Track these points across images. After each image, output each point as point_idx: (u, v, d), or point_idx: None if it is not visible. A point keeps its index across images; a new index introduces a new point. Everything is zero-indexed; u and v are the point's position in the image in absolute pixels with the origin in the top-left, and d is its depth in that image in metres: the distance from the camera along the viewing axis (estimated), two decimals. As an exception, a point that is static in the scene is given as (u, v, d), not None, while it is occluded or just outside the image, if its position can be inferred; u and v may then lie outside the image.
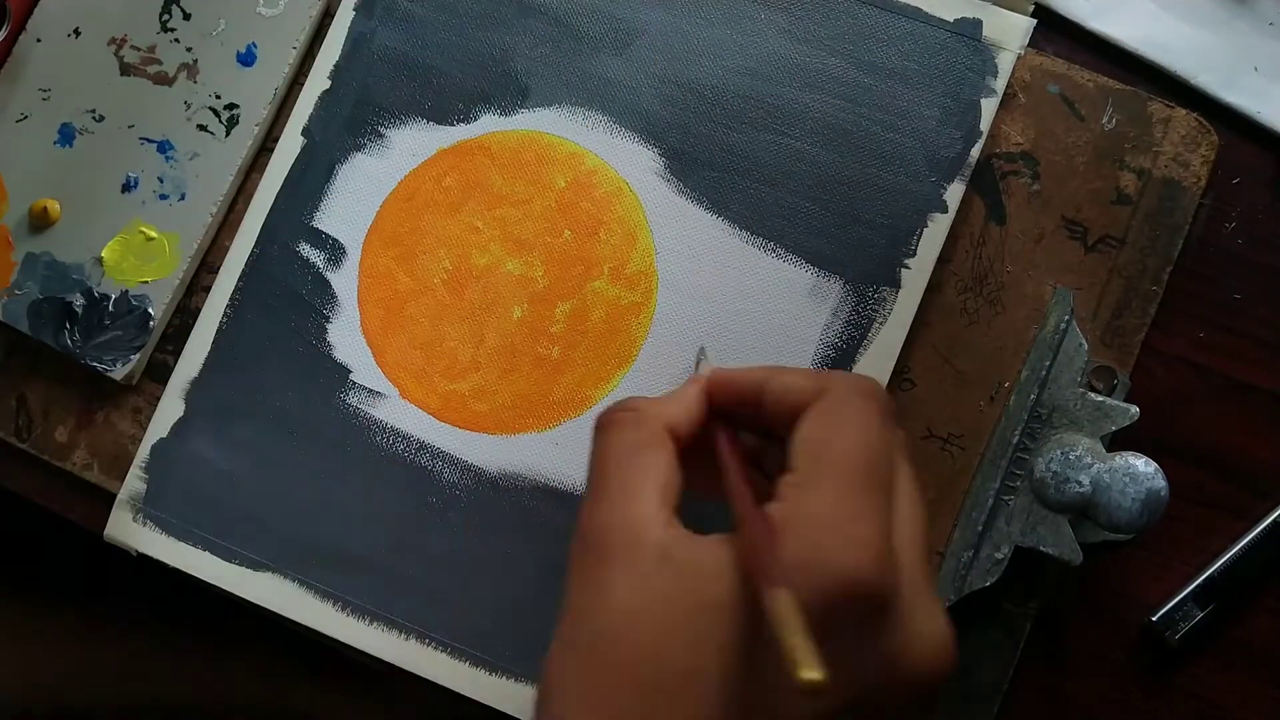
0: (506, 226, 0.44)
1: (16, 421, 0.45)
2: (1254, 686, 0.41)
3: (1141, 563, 0.41)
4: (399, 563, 0.42)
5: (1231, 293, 0.42)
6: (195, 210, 0.44)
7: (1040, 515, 0.39)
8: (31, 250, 0.45)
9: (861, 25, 0.43)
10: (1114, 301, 0.41)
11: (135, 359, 0.44)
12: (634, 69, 0.44)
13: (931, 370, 0.42)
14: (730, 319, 0.42)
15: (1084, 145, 0.42)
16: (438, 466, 0.42)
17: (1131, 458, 0.37)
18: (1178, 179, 0.42)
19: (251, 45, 0.45)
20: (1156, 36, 0.43)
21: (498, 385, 0.43)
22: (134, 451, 0.44)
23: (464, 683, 0.41)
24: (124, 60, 0.46)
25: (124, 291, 0.44)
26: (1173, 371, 0.42)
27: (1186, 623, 0.40)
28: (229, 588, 0.42)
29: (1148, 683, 0.41)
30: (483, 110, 0.44)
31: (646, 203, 0.43)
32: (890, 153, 0.42)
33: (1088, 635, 0.41)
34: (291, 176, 0.45)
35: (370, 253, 0.44)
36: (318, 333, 0.44)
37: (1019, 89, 0.42)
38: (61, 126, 0.45)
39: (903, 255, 0.41)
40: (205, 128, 0.45)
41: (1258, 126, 0.42)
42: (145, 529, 0.43)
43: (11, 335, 0.45)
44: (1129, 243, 0.42)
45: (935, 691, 0.27)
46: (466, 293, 0.43)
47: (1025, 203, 0.42)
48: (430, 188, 0.44)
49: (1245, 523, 0.41)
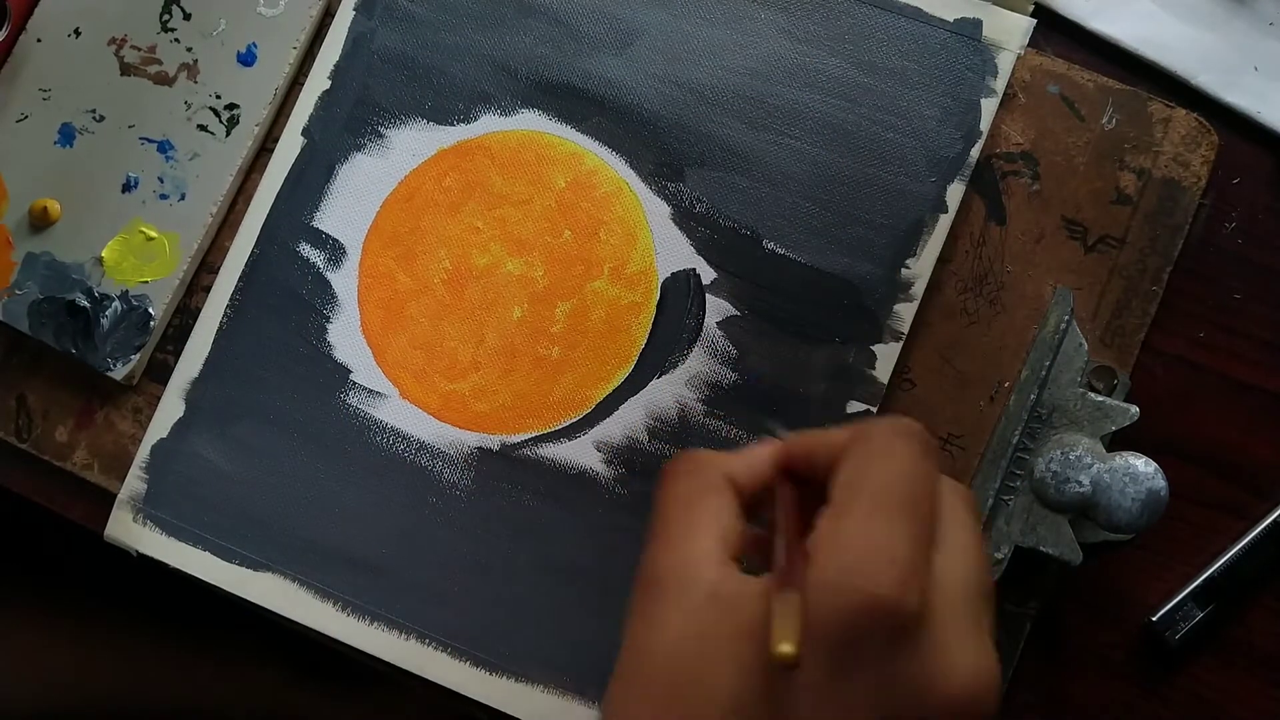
0: (506, 226, 0.44)
1: (16, 421, 0.45)
2: (1254, 686, 0.41)
3: (1141, 563, 0.41)
4: (399, 563, 0.42)
5: (1231, 293, 0.42)
6: (195, 210, 0.44)
7: (1040, 515, 0.39)
8: (31, 250, 0.45)
9: (861, 25, 0.43)
10: (1114, 301, 0.41)
11: (135, 359, 0.44)
12: (634, 69, 0.44)
13: (932, 370, 0.42)
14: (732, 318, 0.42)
15: (1084, 145, 0.42)
16: (438, 466, 0.42)
17: (1131, 458, 0.37)
18: (1178, 179, 0.42)
19: (252, 45, 0.45)
20: (1156, 36, 0.43)
21: (498, 385, 0.43)
22: (134, 451, 0.44)
23: (464, 683, 0.41)
24: (124, 60, 0.46)
25: (124, 291, 0.44)
26: (1173, 371, 0.42)
27: (1186, 623, 0.40)
28: (229, 588, 0.42)
29: (1148, 683, 0.41)
30: (483, 110, 0.44)
31: (646, 203, 0.43)
32: (890, 153, 0.42)
33: (1088, 635, 0.41)
34: (291, 176, 0.45)
35: (370, 253, 0.44)
36: (318, 333, 0.44)
37: (1019, 89, 0.42)
38: (62, 126, 0.45)
39: (903, 255, 0.41)
40: (205, 128, 0.45)
41: (1258, 126, 0.42)
42: (145, 529, 0.43)
43: (11, 335, 0.45)
44: (1129, 243, 0.42)
45: None
46: (466, 293, 0.43)
47: (1025, 203, 0.42)
48: (430, 188, 0.44)
49: (1245, 523, 0.41)
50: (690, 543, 0.29)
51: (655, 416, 0.42)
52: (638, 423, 0.42)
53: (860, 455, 0.28)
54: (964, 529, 0.28)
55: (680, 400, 0.42)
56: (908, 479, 0.27)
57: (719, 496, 0.30)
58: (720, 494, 0.30)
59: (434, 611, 0.42)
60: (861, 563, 0.26)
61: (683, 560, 0.29)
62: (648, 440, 0.42)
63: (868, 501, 0.27)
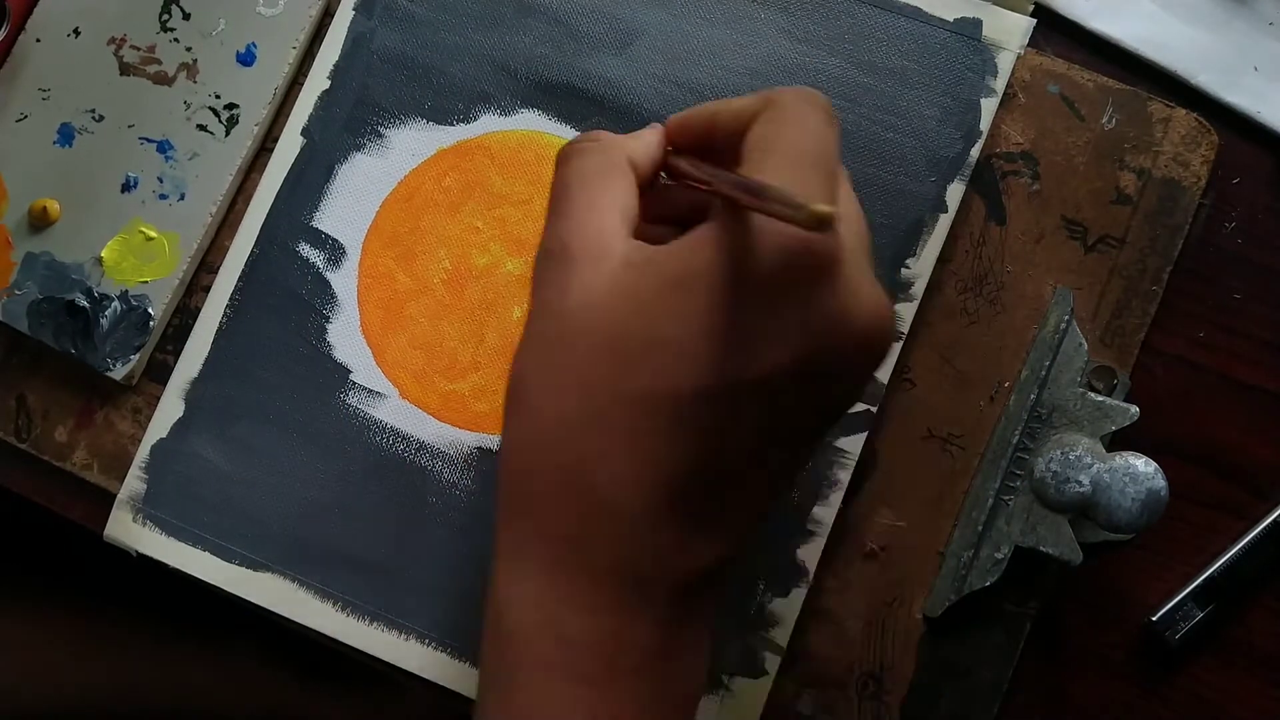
0: (506, 226, 0.44)
1: (16, 421, 0.45)
2: (1254, 686, 0.41)
3: (1141, 563, 0.41)
4: (399, 562, 0.42)
5: (1231, 293, 0.42)
6: (195, 210, 0.44)
7: (1040, 515, 0.39)
8: (31, 250, 0.45)
9: (861, 25, 0.43)
10: (1114, 301, 0.41)
11: (135, 359, 0.44)
12: (634, 69, 0.44)
13: (931, 370, 0.42)
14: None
15: (1084, 145, 0.42)
16: (438, 466, 0.42)
17: (1131, 458, 0.37)
18: (1178, 179, 0.42)
19: (251, 45, 0.45)
20: (1156, 36, 0.43)
21: (498, 385, 0.43)
22: (134, 451, 0.44)
23: (464, 683, 0.41)
24: (124, 60, 0.46)
25: (124, 291, 0.44)
26: (1173, 371, 0.42)
27: (1186, 623, 0.40)
28: (229, 588, 0.42)
29: (1148, 683, 0.41)
30: (483, 110, 0.44)
31: (646, 203, 0.43)
32: (890, 153, 0.42)
33: (1088, 635, 0.41)
34: (291, 176, 0.45)
35: (370, 253, 0.44)
36: (318, 333, 0.44)
37: (1019, 89, 0.42)
38: (61, 126, 0.45)
39: (902, 255, 0.41)
40: (205, 128, 0.45)
41: (1258, 126, 0.42)
42: (145, 529, 0.43)
43: (11, 335, 0.45)
44: (1129, 243, 0.42)
45: (875, 355, 0.29)
46: (466, 292, 0.43)
47: (1025, 203, 0.42)
48: (430, 188, 0.44)
49: (1245, 523, 0.41)
50: (595, 216, 0.30)
51: (655, 416, 0.42)
52: (638, 423, 0.42)
53: (772, 120, 0.30)
54: (845, 184, 0.31)
55: (680, 400, 0.42)
56: (818, 139, 0.29)
57: (621, 176, 0.31)
58: (622, 174, 0.31)
59: (434, 611, 0.42)
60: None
61: (590, 233, 0.30)
62: (648, 440, 0.42)
63: (784, 158, 0.28)
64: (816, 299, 0.27)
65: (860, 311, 0.28)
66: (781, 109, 0.30)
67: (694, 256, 0.28)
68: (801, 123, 0.29)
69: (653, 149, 0.33)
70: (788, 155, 0.28)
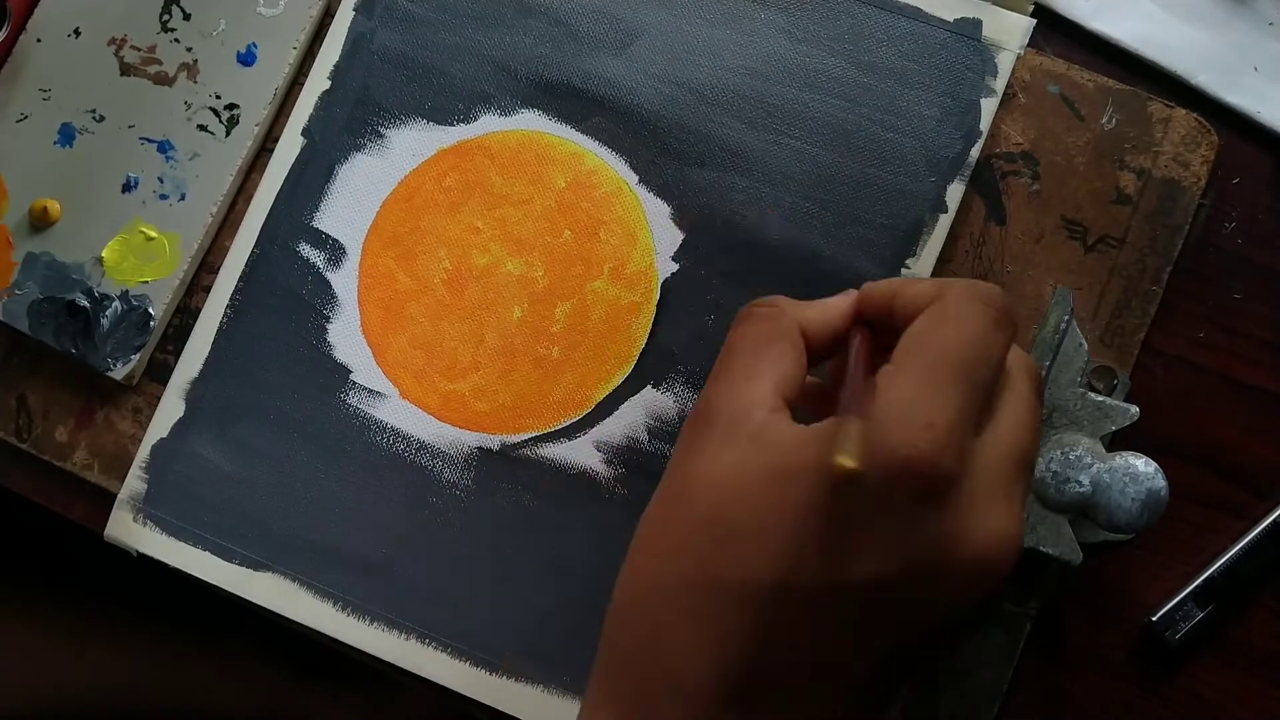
0: (506, 226, 0.44)
1: (16, 421, 0.45)
2: (1253, 686, 0.41)
3: (1141, 563, 0.41)
4: (399, 562, 0.42)
5: (1231, 293, 0.42)
6: (195, 210, 0.45)
7: (1040, 515, 0.39)
8: (31, 250, 0.45)
9: (861, 25, 0.43)
10: (1114, 301, 0.41)
11: (135, 359, 0.44)
12: (634, 69, 0.44)
13: (931, 370, 0.42)
14: (730, 319, 0.42)
15: (1084, 145, 0.42)
16: (438, 466, 0.42)
17: (1131, 458, 0.37)
18: (1178, 179, 0.42)
19: (251, 45, 0.45)
20: (1156, 36, 0.43)
21: (498, 385, 0.43)
22: (134, 451, 0.44)
23: (464, 683, 0.41)
24: (124, 60, 0.46)
25: (124, 291, 0.44)
26: (1173, 371, 0.42)
27: (1186, 623, 0.40)
28: (229, 588, 0.42)
29: (1148, 683, 0.41)
30: (483, 110, 0.44)
31: (646, 203, 0.43)
32: (890, 153, 0.42)
33: (1088, 635, 0.41)
34: (291, 176, 0.45)
35: (370, 253, 0.44)
36: (318, 333, 0.44)
37: (1019, 89, 0.42)
38: (61, 126, 0.45)
39: (903, 255, 0.41)
40: (205, 128, 0.45)
41: (1258, 126, 0.42)
42: (145, 529, 0.43)
43: (11, 335, 0.45)
44: (1129, 243, 0.42)
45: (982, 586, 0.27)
46: (466, 293, 0.43)
47: (1025, 203, 0.42)
48: (430, 188, 0.44)
49: (1245, 523, 0.41)
50: (747, 384, 0.30)
51: (655, 416, 0.42)
52: (638, 423, 0.42)
53: (933, 315, 0.29)
54: (1021, 403, 0.29)
55: (680, 400, 0.42)
56: (970, 346, 0.28)
57: (786, 343, 0.31)
58: (788, 341, 0.31)
59: (434, 611, 0.42)
60: (900, 422, 0.26)
61: (736, 400, 0.30)
62: (648, 440, 0.42)
63: (924, 363, 0.27)
64: (921, 517, 0.26)
65: (975, 537, 0.27)
66: (945, 305, 0.29)
67: (806, 448, 0.27)
68: (960, 324, 0.28)
69: (831, 318, 0.32)
70: (929, 361, 0.27)
